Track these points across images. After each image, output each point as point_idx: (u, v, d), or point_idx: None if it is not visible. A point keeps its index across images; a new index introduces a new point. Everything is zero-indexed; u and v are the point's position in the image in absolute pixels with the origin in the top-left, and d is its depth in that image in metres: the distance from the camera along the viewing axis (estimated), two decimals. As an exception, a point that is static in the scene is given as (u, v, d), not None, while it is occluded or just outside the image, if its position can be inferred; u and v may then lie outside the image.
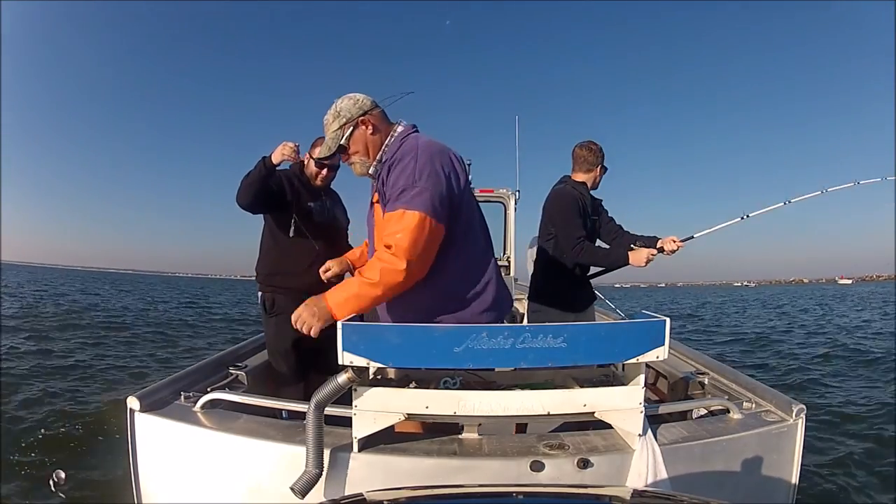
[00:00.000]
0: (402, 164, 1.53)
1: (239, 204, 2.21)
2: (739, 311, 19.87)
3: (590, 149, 2.58)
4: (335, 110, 1.63)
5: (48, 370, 5.48)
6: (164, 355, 7.06)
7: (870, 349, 8.23)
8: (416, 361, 1.36)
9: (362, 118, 1.63)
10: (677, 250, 2.49)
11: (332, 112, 1.65)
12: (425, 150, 1.55)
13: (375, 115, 1.65)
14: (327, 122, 1.66)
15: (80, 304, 15.33)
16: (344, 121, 1.62)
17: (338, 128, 1.63)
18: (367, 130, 1.63)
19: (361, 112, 1.63)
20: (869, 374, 6.44)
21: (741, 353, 8.25)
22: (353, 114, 1.62)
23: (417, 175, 1.50)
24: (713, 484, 1.47)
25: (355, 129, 1.63)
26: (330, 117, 1.65)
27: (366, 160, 1.66)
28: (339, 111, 1.63)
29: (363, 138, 1.64)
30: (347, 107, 1.63)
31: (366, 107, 1.64)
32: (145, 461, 1.53)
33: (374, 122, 1.64)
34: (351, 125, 1.63)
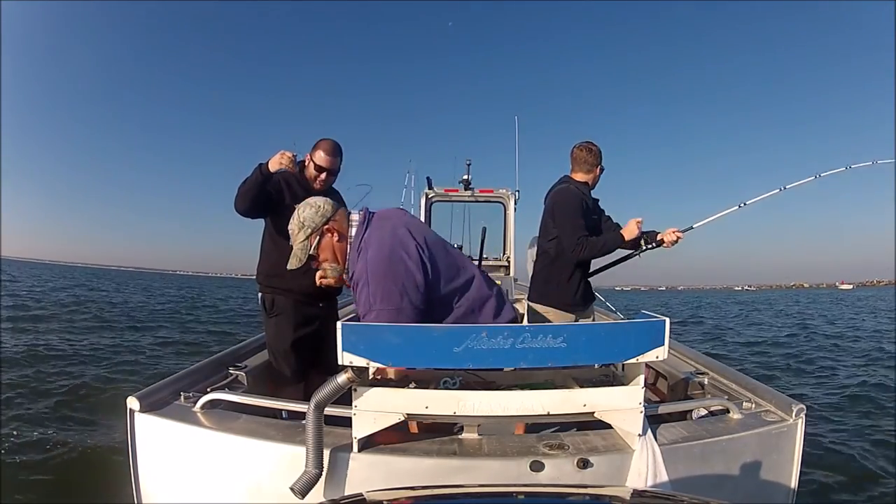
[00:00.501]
0: (358, 289, 1.64)
1: (237, 210, 2.22)
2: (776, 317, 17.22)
3: (589, 150, 2.58)
4: (299, 220, 1.69)
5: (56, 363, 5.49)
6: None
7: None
8: (416, 361, 1.36)
9: (326, 227, 1.69)
10: (678, 241, 2.50)
11: (296, 222, 1.70)
12: (373, 271, 1.60)
13: (338, 221, 1.71)
14: (293, 232, 1.71)
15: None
16: (309, 231, 1.69)
17: (304, 238, 1.69)
18: (332, 238, 1.70)
19: (324, 220, 1.69)
20: (870, 374, 6.44)
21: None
22: (317, 223, 1.68)
23: (372, 299, 1.58)
24: (713, 484, 1.47)
25: (321, 238, 1.70)
26: (295, 227, 1.70)
27: (336, 266, 1.74)
28: (304, 222, 1.68)
29: (330, 246, 1.71)
30: (311, 216, 1.68)
31: (328, 213, 1.69)
32: (145, 461, 1.53)
33: (337, 228, 1.70)
34: (317, 235, 1.69)
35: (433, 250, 1.69)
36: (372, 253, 1.62)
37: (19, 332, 7.67)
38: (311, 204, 1.70)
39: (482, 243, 4.33)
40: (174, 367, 4.76)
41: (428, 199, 5.16)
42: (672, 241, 2.50)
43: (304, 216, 1.68)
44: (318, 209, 1.68)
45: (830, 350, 8.58)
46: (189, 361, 2.90)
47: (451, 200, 5.22)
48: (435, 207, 5.25)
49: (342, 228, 1.70)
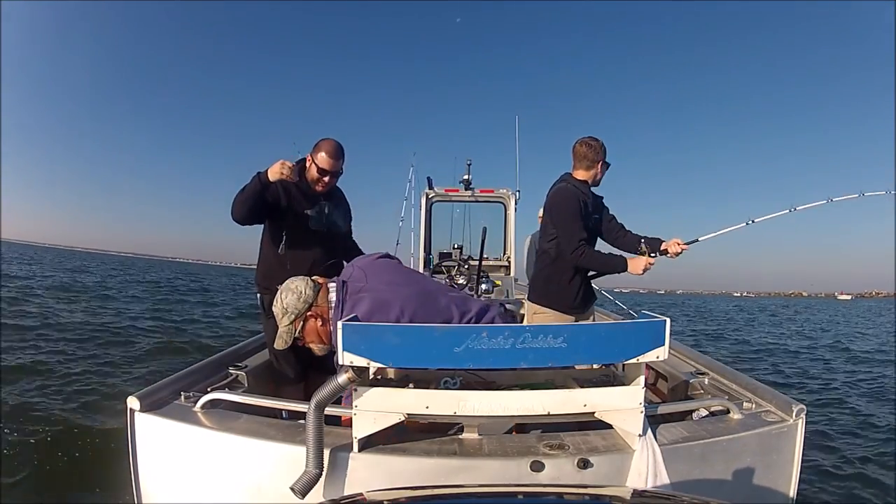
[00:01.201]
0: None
1: (234, 218, 2.20)
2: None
3: (590, 145, 2.52)
4: (282, 306, 1.71)
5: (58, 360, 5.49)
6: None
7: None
8: (416, 361, 1.36)
9: (309, 313, 1.72)
10: (681, 253, 2.48)
11: (279, 307, 1.73)
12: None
13: (320, 305, 1.72)
14: (277, 316, 1.74)
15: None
16: (293, 317, 1.72)
17: (288, 323, 1.72)
18: (316, 323, 1.73)
19: (306, 306, 1.71)
20: (870, 374, 6.44)
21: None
22: (299, 309, 1.71)
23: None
24: (713, 484, 1.47)
25: (305, 323, 1.73)
26: (278, 312, 1.73)
27: (323, 346, 1.76)
28: (286, 308, 1.71)
29: (314, 330, 1.74)
30: (293, 303, 1.71)
31: (309, 299, 1.71)
32: (145, 461, 1.53)
33: (319, 312, 1.72)
34: (300, 320, 1.72)
35: (415, 317, 1.67)
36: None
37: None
38: (292, 290, 1.72)
39: (482, 243, 4.33)
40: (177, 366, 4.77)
41: (428, 199, 5.16)
42: (676, 253, 2.47)
43: (286, 302, 1.71)
44: (300, 295, 1.71)
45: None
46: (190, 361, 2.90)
47: (451, 200, 5.22)
48: (435, 207, 5.25)
49: (324, 312, 1.73)
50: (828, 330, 15.83)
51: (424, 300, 1.75)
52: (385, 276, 1.79)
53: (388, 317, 1.64)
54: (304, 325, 1.73)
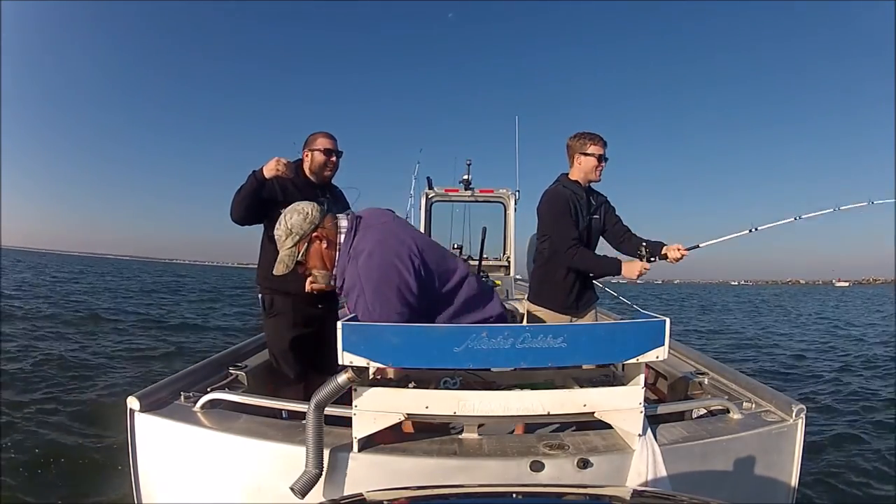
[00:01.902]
0: (353, 298, 1.61)
1: (233, 219, 2.23)
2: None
3: (568, 143, 2.49)
4: (286, 227, 1.64)
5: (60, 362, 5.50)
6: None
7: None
8: (416, 361, 1.36)
9: (314, 234, 1.65)
10: (681, 258, 2.46)
11: (282, 228, 1.66)
12: (367, 278, 1.58)
13: (327, 227, 1.67)
14: (280, 238, 1.67)
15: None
16: (297, 238, 1.65)
17: (292, 245, 1.65)
18: (321, 245, 1.67)
19: (312, 227, 1.65)
20: (870, 374, 6.44)
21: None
22: (304, 230, 1.64)
23: (370, 308, 1.56)
24: (713, 484, 1.47)
25: (310, 245, 1.66)
26: (282, 234, 1.66)
27: (325, 273, 1.71)
28: (291, 228, 1.64)
29: (319, 253, 1.68)
30: (298, 223, 1.64)
31: (315, 220, 1.65)
32: (145, 461, 1.53)
33: (325, 234, 1.66)
34: (305, 242, 1.65)
35: (424, 253, 1.68)
36: (364, 260, 1.60)
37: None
38: (298, 210, 1.66)
39: (482, 243, 4.33)
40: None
41: (428, 199, 5.16)
42: (676, 258, 2.44)
43: (291, 223, 1.64)
44: (306, 216, 1.65)
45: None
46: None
47: (451, 200, 5.22)
48: (435, 207, 5.24)
49: (330, 234, 1.67)
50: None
51: (431, 243, 1.77)
52: (393, 219, 1.80)
53: (401, 244, 1.62)
54: (309, 247, 1.66)
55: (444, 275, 1.72)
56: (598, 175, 2.51)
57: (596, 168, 2.47)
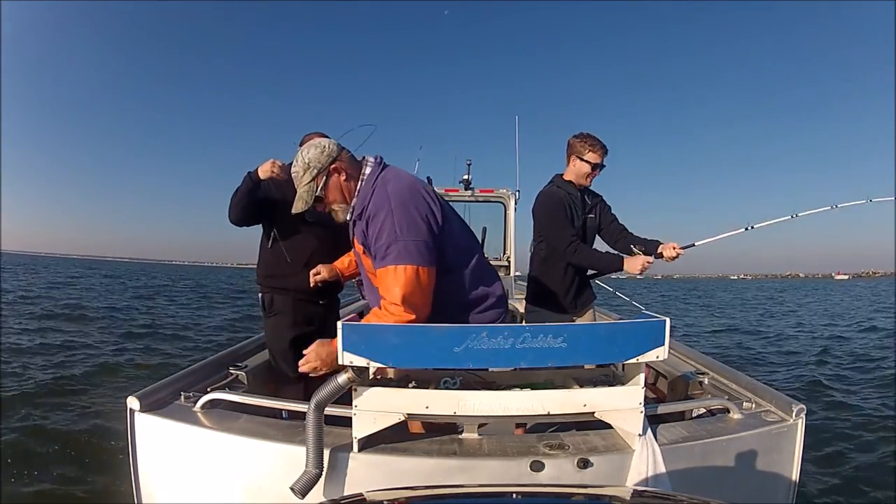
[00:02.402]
0: (379, 220, 1.54)
1: (231, 220, 2.26)
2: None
3: (568, 142, 2.51)
4: (304, 162, 1.61)
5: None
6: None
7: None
8: (416, 361, 1.36)
9: (333, 166, 1.62)
10: (677, 257, 2.47)
11: (300, 164, 1.62)
12: (398, 200, 1.55)
13: (345, 160, 1.64)
14: (297, 175, 1.63)
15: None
16: (315, 172, 1.60)
17: (310, 180, 1.61)
18: (340, 177, 1.63)
19: (331, 160, 1.61)
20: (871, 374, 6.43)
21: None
22: (323, 163, 1.60)
23: (398, 229, 1.51)
24: (713, 484, 1.47)
25: (329, 178, 1.62)
26: (300, 170, 1.62)
27: (345, 206, 1.67)
28: (309, 163, 1.60)
29: (338, 186, 1.63)
30: (316, 156, 1.60)
31: (334, 153, 1.62)
32: (145, 461, 1.53)
33: (343, 167, 1.63)
34: (323, 175, 1.61)
35: (444, 205, 1.68)
36: (394, 184, 1.58)
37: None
38: (315, 144, 1.63)
39: (482, 243, 4.34)
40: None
41: None
42: (672, 257, 2.45)
43: (308, 157, 1.60)
44: (324, 149, 1.61)
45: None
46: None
47: (451, 200, 5.21)
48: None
49: (349, 167, 1.64)
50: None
51: (451, 208, 1.75)
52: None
53: (426, 187, 1.65)
54: (327, 181, 1.62)
55: (461, 234, 1.72)
56: (589, 182, 2.53)
57: (588, 175, 2.49)
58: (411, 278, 1.49)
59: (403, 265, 1.49)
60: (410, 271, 1.49)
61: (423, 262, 1.51)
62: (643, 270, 2.39)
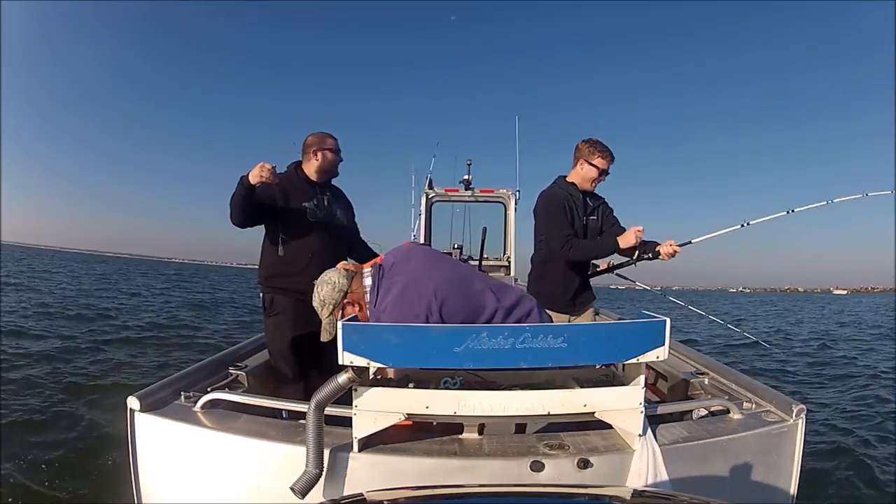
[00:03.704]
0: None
1: (233, 223, 2.27)
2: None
3: (577, 146, 2.54)
4: (320, 299, 1.75)
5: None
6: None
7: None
8: (416, 361, 1.36)
9: (346, 300, 1.75)
10: (674, 255, 2.47)
11: (317, 301, 1.76)
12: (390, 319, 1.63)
13: (356, 291, 1.75)
14: (317, 309, 1.77)
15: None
16: (331, 307, 1.74)
17: (328, 314, 1.75)
18: (355, 309, 1.76)
19: (342, 295, 1.74)
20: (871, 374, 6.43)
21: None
22: (336, 299, 1.74)
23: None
24: (713, 484, 1.47)
25: (344, 311, 1.76)
26: (318, 306, 1.76)
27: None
28: (324, 300, 1.74)
29: (355, 312, 1.76)
30: (328, 294, 1.74)
31: (344, 287, 1.74)
32: (145, 461, 1.53)
33: (355, 299, 1.75)
34: (339, 309, 1.75)
35: (445, 303, 1.65)
36: (388, 311, 1.67)
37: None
38: (326, 281, 1.75)
39: (482, 243, 4.33)
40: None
41: (428, 199, 5.16)
42: (669, 255, 2.45)
43: (322, 295, 1.74)
44: (335, 286, 1.74)
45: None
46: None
47: (451, 200, 5.21)
48: (435, 207, 5.24)
49: (360, 298, 1.75)
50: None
51: (459, 284, 1.75)
52: (421, 259, 1.80)
53: (420, 299, 1.64)
54: (343, 313, 1.74)
55: (471, 314, 1.71)
56: (593, 187, 2.55)
57: (593, 180, 2.52)
58: None
59: None
60: None
61: None
62: (638, 240, 2.41)
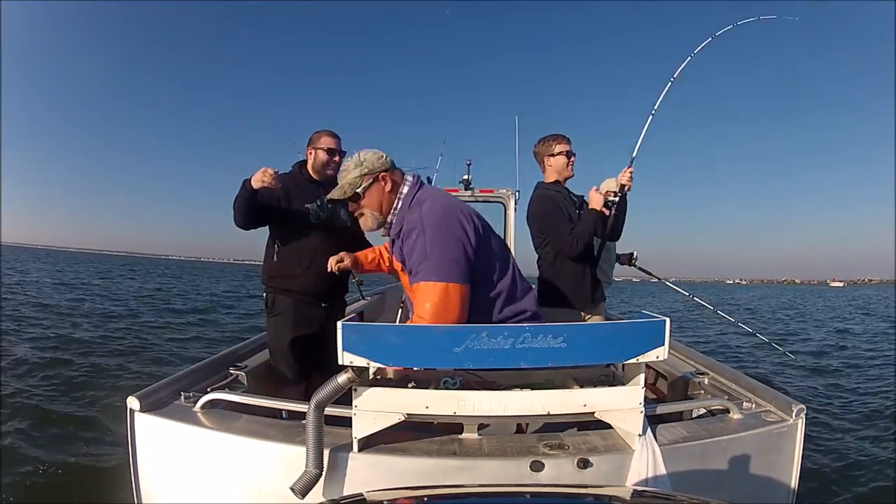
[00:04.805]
0: (413, 238, 1.61)
1: (236, 225, 2.28)
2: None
3: (535, 145, 2.59)
4: (358, 159, 1.69)
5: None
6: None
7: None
8: (416, 361, 1.36)
9: (383, 174, 1.68)
10: (631, 177, 2.54)
11: (353, 160, 1.70)
12: (431, 221, 1.60)
13: (395, 174, 1.71)
14: (347, 168, 1.70)
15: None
16: (365, 171, 1.67)
17: (357, 175, 1.68)
18: (384, 186, 1.69)
19: (384, 168, 1.68)
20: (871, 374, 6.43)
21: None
22: (375, 167, 1.68)
23: (429, 248, 1.56)
24: (713, 484, 1.47)
25: (374, 183, 1.69)
26: (351, 164, 1.70)
27: (377, 215, 1.72)
28: (363, 161, 1.68)
29: (379, 193, 1.70)
30: (371, 159, 1.68)
31: (388, 164, 1.70)
32: (145, 461, 1.53)
33: (393, 178, 1.70)
34: (371, 178, 1.68)
35: (482, 225, 1.70)
36: (428, 206, 1.63)
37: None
38: (373, 150, 1.70)
39: None
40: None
41: None
42: (628, 181, 2.53)
43: (364, 156, 1.68)
44: (381, 156, 1.69)
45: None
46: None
47: None
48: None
49: (397, 180, 1.70)
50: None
51: (487, 226, 1.75)
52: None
53: (463, 206, 1.66)
54: (372, 185, 1.68)
55: (498, 250, 1.74)
56: (571, 170, 2.59)
57: (567, 164, 2.56)
58: (441, 295, 1.53)
59: (433, 282, 1.54)
60: (440, 288, 1.53)
61: (453, 280, 1.55)
62: (599, 192, 2.48)
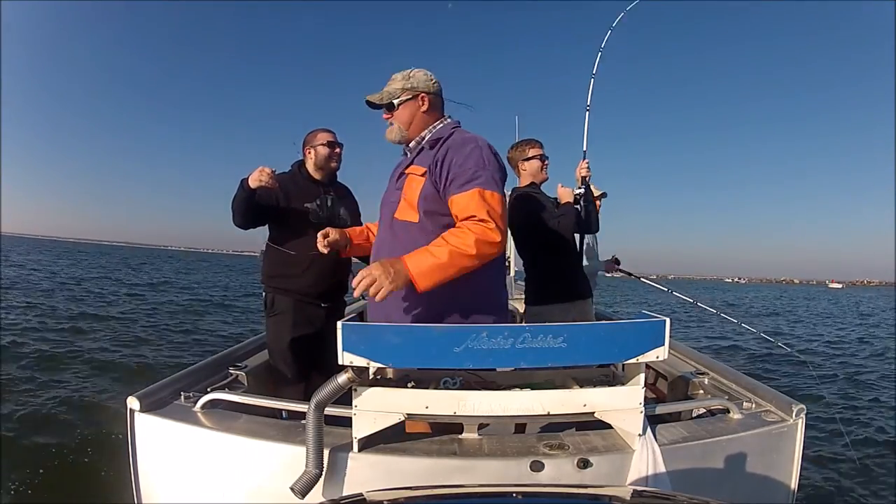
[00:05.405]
0: (467, 149, 1.58)
1: (235, 225, 2.28)
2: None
3: (510, 150, 2.62)
4: (407, 73, 1.69)
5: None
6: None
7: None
8: (416, 361, 1.36)
9: (424, 95, 1.68)
10: (588, 169, 2.59)
11: (403, 73, 1.70)
12: (485, 142, 1.62)
13: (436, 101, 1.71)
14: (394, 79, 1.70)
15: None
16: (409, 86, 1.68)
17: (400, 87, 1.68)
18: (422, 106, 1.69)
19: (427, 90, 1.69)
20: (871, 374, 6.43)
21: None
22: (419, 85, 1.68)
23: (486, 161, 1.57)
24: (713, 484, 1.47)
25: (412, 99, 1.69)
26: (399, 76, 1.70)
27: (403, 130, 1.71)
28: (411, 76, 1.69)
29: (415, 110, 1.69)
30: (420, 77, 1.69)
31: (433, 89, 1.70)
32: (145, 461, 1.53)
33: (432, 102, 1.70)
34: (412, 93, 1.68)
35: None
36: (472, 134, 1.64)
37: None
38: (425, 70, 1.71)
39: None
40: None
41: None
42: (587, 171, 2.58)
43: (414, 73, 1.69)
44: (430, 78, 1.70)
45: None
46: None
47: None
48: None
49: (434, 106, 1.71)
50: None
51: None
52: None
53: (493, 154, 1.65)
54: (411, 100, 1.68)
55: None
56: (545, 173, 2.62)
57: (541, 168, 2.59)
58: (501, 203, 1.53)
59: (493, 191, 1.53)
60: (500, 198, 1.53)
61: (504, 195, 1.56)
62: (574, 192, 2.52)
